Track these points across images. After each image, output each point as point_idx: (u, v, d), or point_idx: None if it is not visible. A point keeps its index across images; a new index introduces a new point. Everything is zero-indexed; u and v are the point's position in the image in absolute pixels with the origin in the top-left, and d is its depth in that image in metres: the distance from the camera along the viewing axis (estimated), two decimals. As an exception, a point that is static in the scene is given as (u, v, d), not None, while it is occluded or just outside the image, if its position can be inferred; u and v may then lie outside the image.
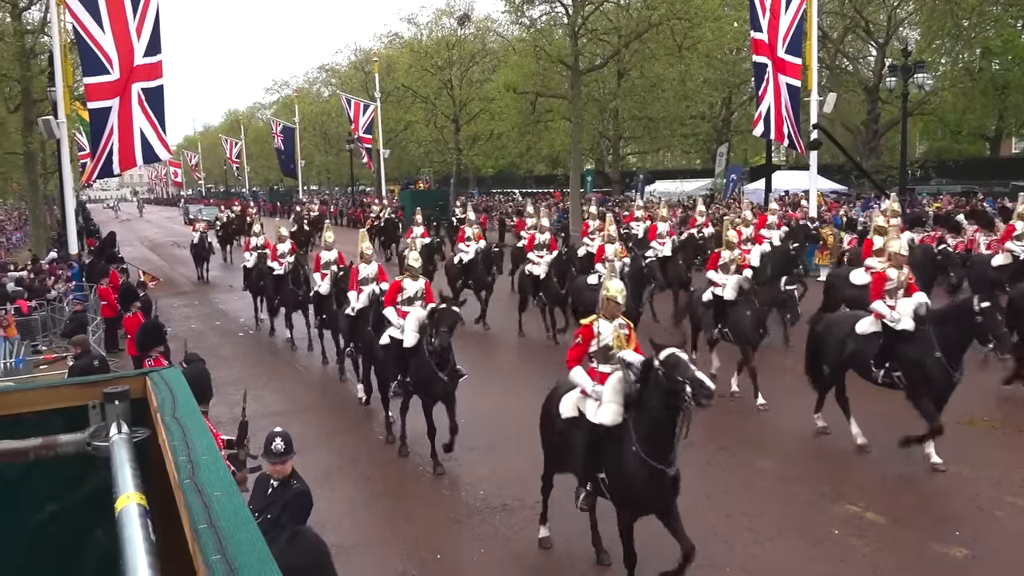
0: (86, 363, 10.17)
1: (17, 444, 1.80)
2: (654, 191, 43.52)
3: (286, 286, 16.85)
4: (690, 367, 6.13)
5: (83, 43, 18.44)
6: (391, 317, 10.59)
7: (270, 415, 12.02)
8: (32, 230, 34.88)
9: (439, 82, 45.75)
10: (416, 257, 11.15)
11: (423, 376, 9.95)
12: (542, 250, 17.30)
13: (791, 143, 23.52)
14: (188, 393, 2.01)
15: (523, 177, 55.31)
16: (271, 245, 19.32)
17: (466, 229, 19.64)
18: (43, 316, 18.05)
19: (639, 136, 42.05)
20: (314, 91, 66.17)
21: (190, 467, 1.61)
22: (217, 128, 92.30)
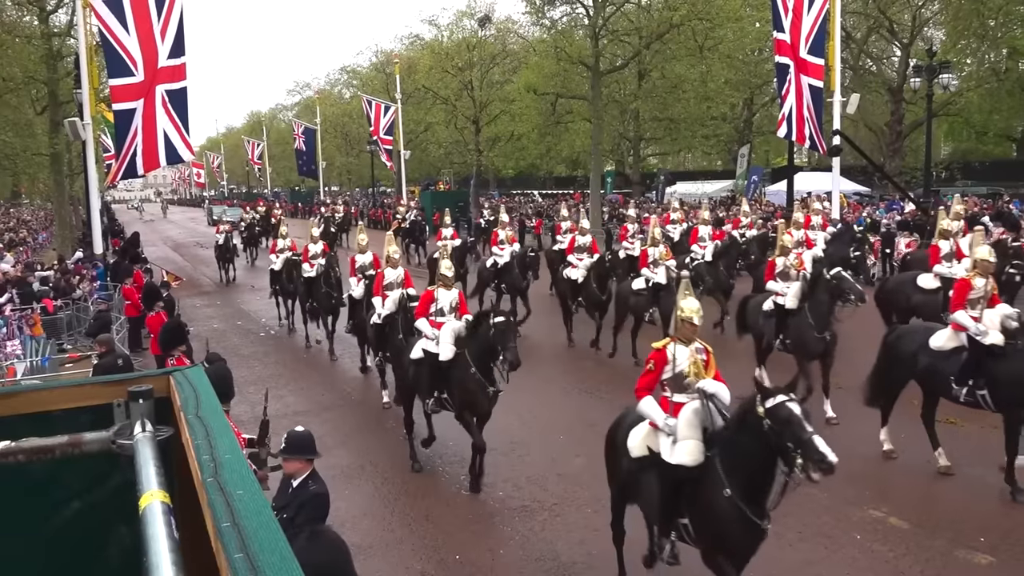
0: (110, 362, 10.27)
1: (44, 442, 1.83)
2: (675, 192, 43.36)
3: (318, 289, 16.31)
4: (805, 427, 5.32)
5: (108, 45, 18.66)
6: (424, 329, 10.01)
7: (291, 414, 12.10)
8: (58, 230, 35.31)
9: (459, 83, 45.85)
10: (449, 266, 10.60)
11: (468, 392, 9.29)
12: (582, 253, 16.65)
13: (812, 144, 23.34)
14: (211, 392, 2.03)
15: (543, 178, 55.28)
16: (297, 247, 19.08)
17: (499, 232, 19.12)
18: (68, 315, 18.26)
19: (660, 137, 41.93)
20: (335, 93, 66.51)
21: (213, 465, 1.62)
22: (240, 129, 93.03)
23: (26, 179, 40.78)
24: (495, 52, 46.35)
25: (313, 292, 16.62)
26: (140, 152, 18.54)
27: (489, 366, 9.13)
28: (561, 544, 7.92)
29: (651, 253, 14.77)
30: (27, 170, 34.25)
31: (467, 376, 9.25)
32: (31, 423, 2.00)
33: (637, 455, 6.36)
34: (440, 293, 10.28)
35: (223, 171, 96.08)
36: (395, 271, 12.27)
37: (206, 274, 30.74)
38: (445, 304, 10.20)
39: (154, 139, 18.54)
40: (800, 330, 11.16)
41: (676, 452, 5.96)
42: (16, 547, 2.05)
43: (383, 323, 11.98)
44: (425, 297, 10.40)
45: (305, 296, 17.03)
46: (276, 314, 21.18)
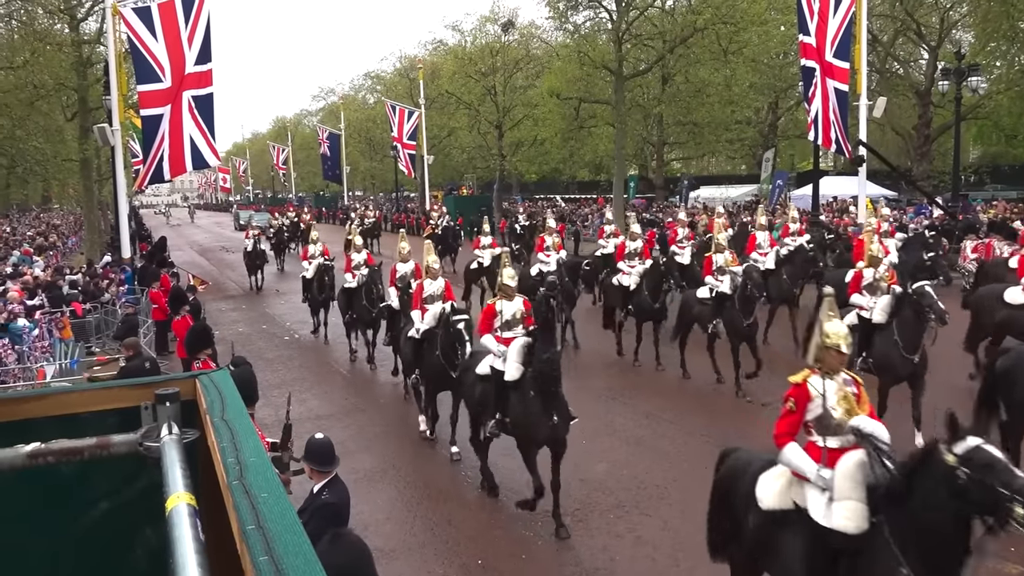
0: (137, 365, 10.39)
1: (73, 443, 1.85)
2: (698, 197, 43.20)
3: (358, 301, 15.53)
4: (1016, 473, 4.32)
5: (137, 52, 18.94)
6: (490, 345, 9.22)
7: (314, 418, 12.17)
8: (87, 234, 35.82)
9: (483, 88, 45.95)
10: (512, 275, 9.74)
11: (527, 416, 8.41)
12: (634, 259, 15.70)
13: (838, 148, 23.14)
14: (236, 396, 2.05)
15: (566, 183, 55.25)
16: (329, 252, 18.78)
17: (546, 238, 18.18)
18: (97, 318, 18.48)
19: (683, 141, 41.74)
20: (360, 98, 66.92)
21: (238, 468, 1.64)
22: (265, 135, 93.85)
23: (56, 184, 41.43)
24: (518, 57, 46.40)
25: (353, 303, 15.89)
26: (167, 157, 18.78)
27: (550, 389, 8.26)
28: (584, 550, 7.89)
29: (716, 260, 13.78)
30: (57, 175, 34.80)
31: (526, 399, 8.34)
32: (60, 425, 2.03)
33: (772, 507, 5.27)
34: (503, 305, 9.48)
35: (248, 176, 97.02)
36: (435, 283, 11.54)
37: (232, 278, 31.01)
38: (510, 316, 9.41)
39: (181, 144, 18.77)
40: (886, 349, 10.09)
41: (835, 515, 4.89)
42: (46, 547, 2.08)
43: (421, 339, 11.18)
44: (487, 311, 9.54)
45: (345, 306, 16.24)
46: (301, 318, 21.32)
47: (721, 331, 13.05)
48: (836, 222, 25.41)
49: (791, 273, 15.54)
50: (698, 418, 11.68)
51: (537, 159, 47.54)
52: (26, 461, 1.81)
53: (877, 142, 35.13)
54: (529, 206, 47.97)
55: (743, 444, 6.59)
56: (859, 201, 24.00)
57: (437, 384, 10.88)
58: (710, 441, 10.84)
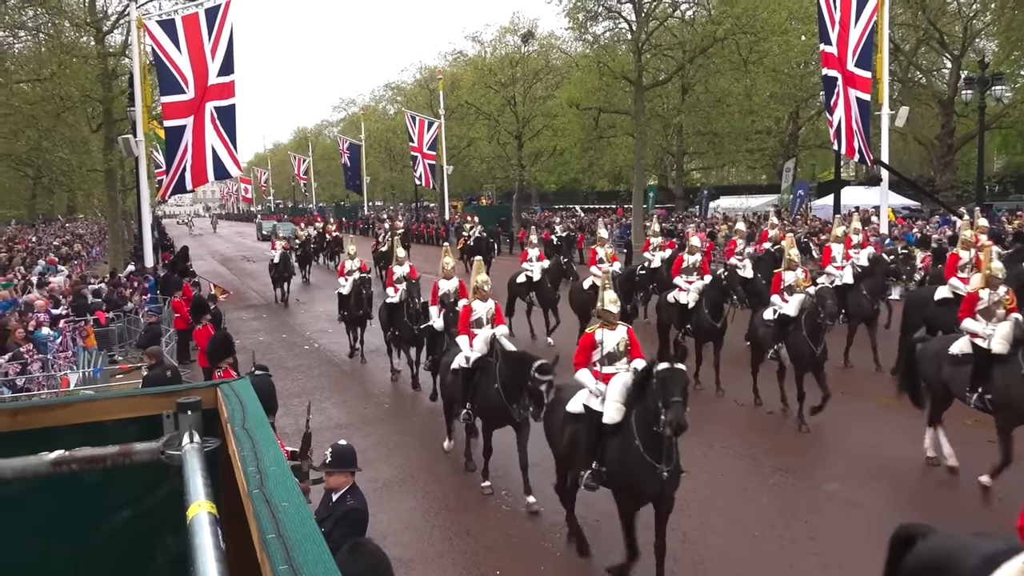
0: (159, 373, 10.50)
1: (96, 451, 1.87)
2: (718, 207, 43.04)
3: (400, 318, 14.58)
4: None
5: (161, 64, 19.16)
6: (586, 381, 7.86)
7: (334, 427, 12.21)
8: (111, 244, 36.18)
9: (502, 99, 46.07)
10: (614, 299, 8.27)
11: (634, 468, 7.08)
12: (691, 274, 14.50)
13: (861, 158, 22.98)
14: (257, 404, 2.06)
15: (585, 193, 55.23)
16: (367, 266, 18.15)
17: (598, 250, 17.04)
18: (120, 327, 18.67)
19: (703, 151, 41.65)
20: (380, 109, 67.31)
21: (259, 477, 1.65)
22: (286, 145, 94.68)
23: (81, 195, 41.94)
24: (538, 68, 46.49)
25: (395, 320, 14.92)
26: (189, 168, 18.95)
27: (653, 432, 6.90)
28: (603, 561, 7.84)
29: (786, 277, 12.36)
30: (82, 186, 35.24)
31: (628, 446, 7.15)
32: (84, 433, 2.05)
33: None
34: (604, 335, 8.07)
35: (270, 186, 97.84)
36: (485, 304, 10.34)
37: (253, 288, 31.23)
38: (612, 348, 8.05)
39: (203, 155, 18.94)
40: (1009, 384, 8.88)
41: None
42: (68, 555, 2.10)
43: (472, 369, 9.86)
44: (585, 342, 8.12)
45: (387, 323, 15.38)
46: (320, 327, 21.42)
47: (784, 357, 11.80)
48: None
49: (871, 288, 14.30)
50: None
51: (556, 169, 47.57)
52: (50, 469, 1.82)
53: (899, 152, 34.92)
54: (548, 216, 47.97)
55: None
56: (881, 211, 23.80)
57: (496, 420, 9.62)
58: (729, 453, 10.78)
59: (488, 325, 10.13)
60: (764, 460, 10.43)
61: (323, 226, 37.65)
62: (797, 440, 11.12)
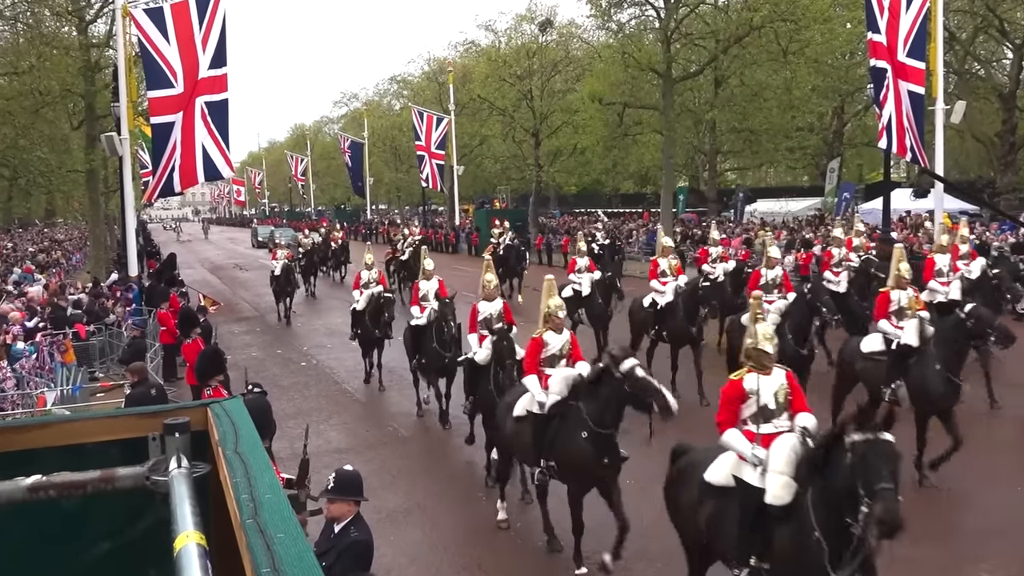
0: (143, 392, 10.57)
1: (75, 476, 1.88)
2: (755, 211, 42.95)
3: (428, 343, 13.36)
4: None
5: (148, 56, 19.31)
6: (738, 445, 6.54)
7: (333, 452, 12.23)
8: (92, 251, 36.53)
9: (518, 93, 46.25)
10: (770, 335, 6.89)
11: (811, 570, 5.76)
12: (772, 292, 13.42)
13: (913, 157, 22.85)
14: (251, 426, 2.07)
15: (609, 195, 55.29)
16: (386, 281, 17.46)
17: (660, 260, 15.54)
18: (101, 341, 18.80)
19: (739, 150, 41.60)
20: (384, 104, 67.74)
21: (252, 506, 1.65)
22: (282, 144, 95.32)
23: (60, 197, 42.44)
24: (557, 59, 46.67)
25: (422, 345, 13.65)
26: (178, 168, 19.05)
27: (842, 528, 5.61)
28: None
29: (895, 298, 11.33)
30: (62, 188, 35.63)
31: (806, 543, 5.81)
32: (63, 456, 2.06)
33: None
34: (759, 383, 6.67)
35: (265, 188, 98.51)
36: (560, 336, 9.29)
37: (245, 298, 31.40)
38: (769, 398, 6.67)
39: (192, 154, 19.03)
40: None
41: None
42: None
43: (550, 414, 8.58)
44: (731, 393, 6.74)
45: (412, 349, 14.12)
46: (318, 342, 21.49)
47: (903, 397, 10.41)
48: (910, 239, 25.05)
49: (988, 301, 13.20)
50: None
51: (577, 170, 47.66)
52: (26, 495, 1.83)
53: (956, 151, 34.69)
54: (568, 221, 47.98)
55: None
56: (935, 216, 23.64)
57: (586, 481, 8.36)
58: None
59: (564, 360, 9.14)
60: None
61: (328, 232, 36.75)
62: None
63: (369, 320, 16.05)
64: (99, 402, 14.66)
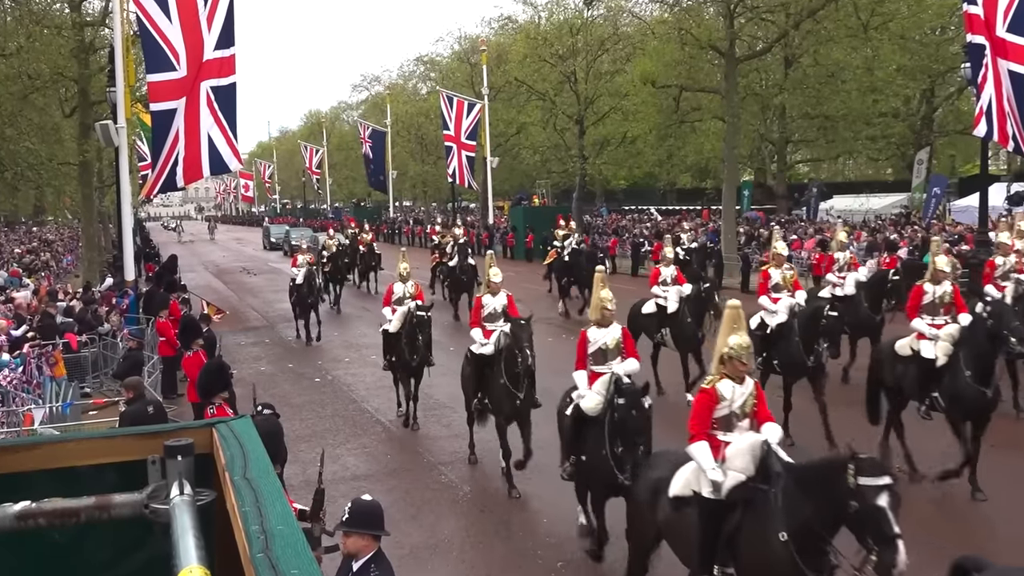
0: (139, 409, 10.70)
1: (68, 503, 1.91)
2: (831, 209, 42.54)
3: (497, 378, 11.78)
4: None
5: (147, 35, 19.55)
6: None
7: (350, 479, 12.29)
8: (85, 252, 37.04)
9: (560, 75, 46.27)
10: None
11: None
12: (937, 314, 11.90)
13: (1017, 147, 22.49)
14: (261, 449, 2.09)
15: (663, 191, 55.07)
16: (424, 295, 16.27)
17: (772, 272, 14.18)
18: (94, 353, 19.07)
19: (812, 139, 41.29)
20: (409, 88, 68.19)
21: (263, 538, 1.66)
22: (295, 133, 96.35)
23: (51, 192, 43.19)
24: (604, 36, 46.63)
25: (486, 381, 12.21)
26: (181, 160, 19.24)
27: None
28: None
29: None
30: (52, 182, 36.15)
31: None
32: (54, 480, 2.09)
33: None
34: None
35: (275, 182, 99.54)
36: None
37: (253, 306, 31.69)
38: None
39: (197, 145, 19.20)
40: None
41: None
42: (33, 628, 2.14)
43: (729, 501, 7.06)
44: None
45: (473, 384, 12.56)
46: (335, 355, 21.60)
47: None
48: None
49: None
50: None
51: (627, 161, 47.56)
52: (13, 523, 1.86)
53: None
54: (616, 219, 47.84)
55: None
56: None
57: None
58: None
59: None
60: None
61: (356, 233, 34.88)
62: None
63: (405, 343, 14.84)
64: (91, 421, 14.86)
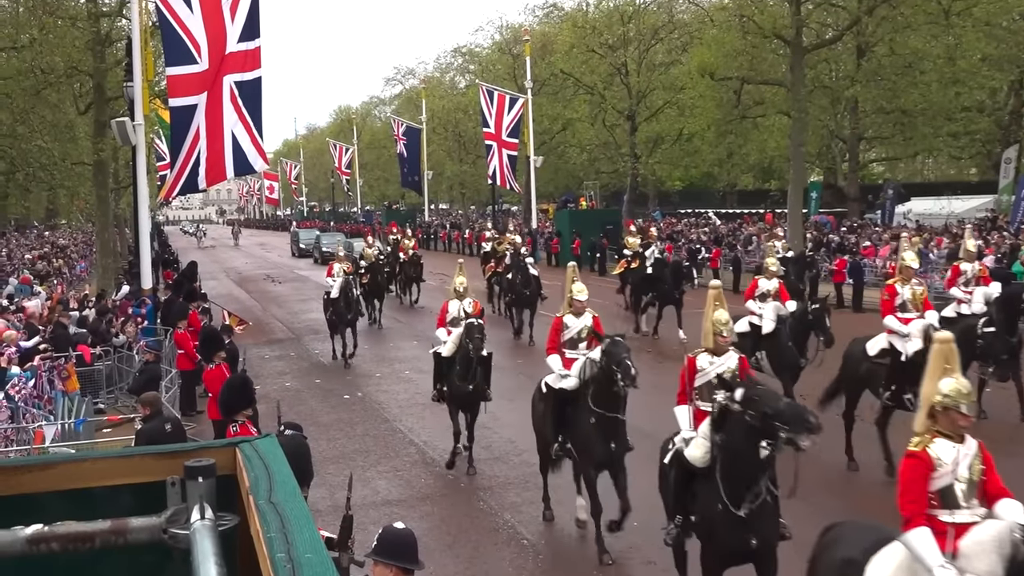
0: (156, 427, 10.82)
1: (82, 527, 1.93)
2: (908, 212, 42.01)
3: (584, 418, 10.41)
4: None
5: (167, 26, 19.80)
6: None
7: (382, 504, 12.32)
8: (99, 258, 37.51)
9: (610, 66, 46.24)
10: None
11: None
12: None
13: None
14: (288, 471, 2.10)
15: (722, 193, 54.75)
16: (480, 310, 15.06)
17: (900, 288, 12.76)
18: (108, 366, 19.28)
19: (887, 136, 40.88)
20: (447, 81, 68.49)
21: (290, 567, 1.67)
22: (324, 131, 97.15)
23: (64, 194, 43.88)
24: (658, 24, 46.58)
25: (574, 422, 10.68)
26: (203, 160, 19.40)
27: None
28: None
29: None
30: (66, 183, 36.70)
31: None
32: (67, 502, 2.12)
33: None
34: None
35: (302, 183, 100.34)
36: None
37: (277, 316, 31.91)
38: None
39: (220, 144, 19.36)
40: None
41: None
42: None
43: None
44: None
45: (553, 425, 11.07)
46: (366, 371, 21.64)
47: None
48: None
49: None
50: None
51: (682, 160, 47.39)
52: (25, 547, 1.89)
53: None
54: (671, 224, 47.58)
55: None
56: None
57: None
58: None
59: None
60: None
61: (398, 240, 33.87)
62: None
63: (460, 369, 13.56)
64: (105, 439, 15.01)
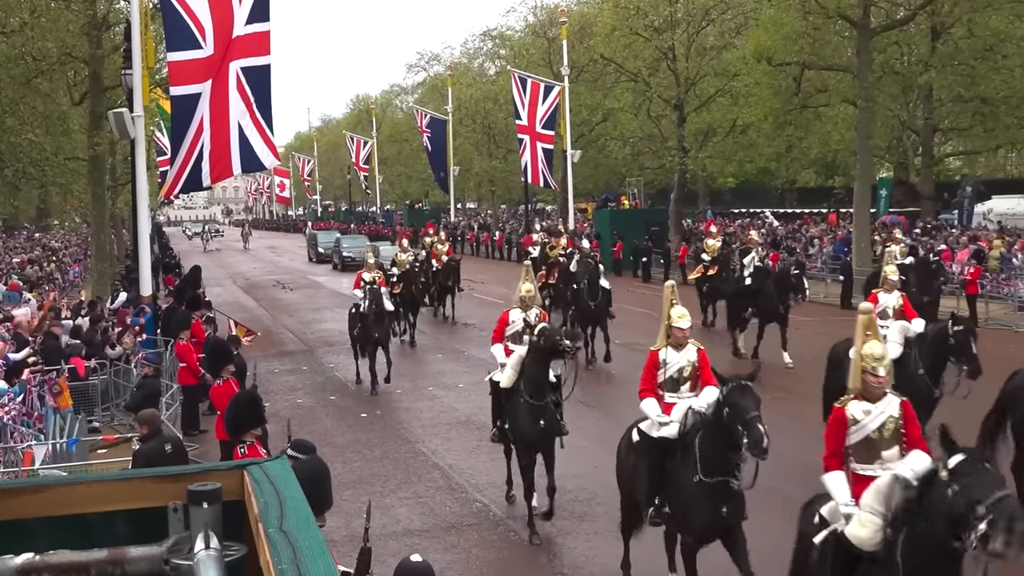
0: (155, 448, 10.88)
1: (77, 556, 1.95)
2: (989, 212, 41.64)
3: (688, 473, 9.32)
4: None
5: (169, 8, 19.89)
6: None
7: (402, 535, 12.33)
8: (94, 262, 37.78)
9: (655, 51, 46.06)
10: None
11: None
12: None
13: None
14: (301, 497, 2.11)
15: (781, 190, 54.47)
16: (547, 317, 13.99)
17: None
18: (103, 381, 19.37)
19: (965, 127, 40.52)
20: (475, 67, 68.51)
21: (303, 602, 1.68)
22: (340, 122, 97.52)
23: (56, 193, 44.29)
24: (709, 4, 46.35)
25: (674, 479, 9.60)
26: (207, 155, 19.44)
27: None
28: None
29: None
30: (58, 180, 36.96)
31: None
32: (60, 529, 2.14)
33: None
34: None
35: (316, 180, 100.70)
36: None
37: (288, 326, 32.01)
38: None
39: (226, 136, 19.38)
40: None
41: None
42: None
43: None
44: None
45: (648, 483, 9.87)
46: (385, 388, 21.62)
47: None
48: None
49: None
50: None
51: (736, 154, 47.11)
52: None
53: None
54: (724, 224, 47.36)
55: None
56: None
57: None
58: None
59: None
60: None
61: (432, 243, 32.24)
62: None
63: (523, 406, 12.38)
64: (100, 460, 15.08)
